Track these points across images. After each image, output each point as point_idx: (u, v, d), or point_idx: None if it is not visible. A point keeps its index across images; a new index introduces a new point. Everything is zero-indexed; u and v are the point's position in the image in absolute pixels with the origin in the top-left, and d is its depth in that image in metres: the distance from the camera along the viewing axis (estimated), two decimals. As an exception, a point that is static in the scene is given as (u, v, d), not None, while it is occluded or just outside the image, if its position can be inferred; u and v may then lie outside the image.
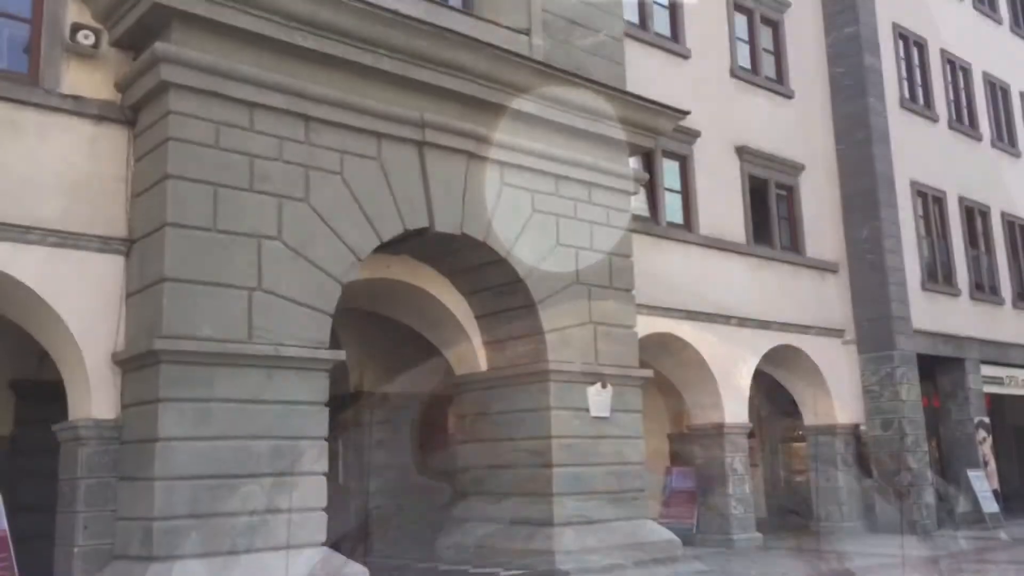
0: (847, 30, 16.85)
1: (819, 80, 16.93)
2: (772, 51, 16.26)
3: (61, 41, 7.98)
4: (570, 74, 10.41)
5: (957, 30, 19.88)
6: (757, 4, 15.99)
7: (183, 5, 7.70)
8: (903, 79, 18.00)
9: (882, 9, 17.51)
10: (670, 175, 13.85)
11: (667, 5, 14.48)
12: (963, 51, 19.86)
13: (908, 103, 17.89)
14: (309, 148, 8.54)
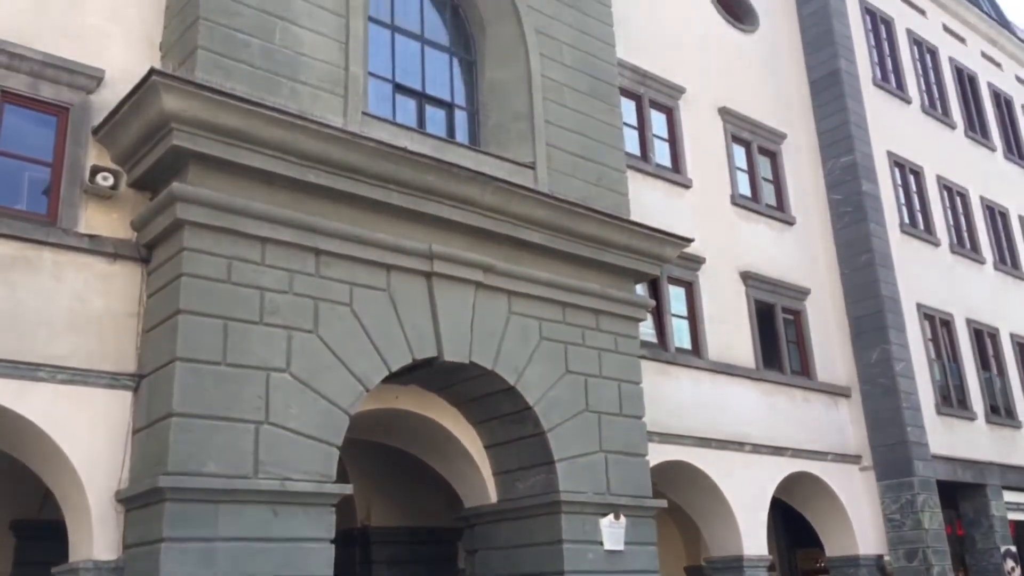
0: (843, 159, 17.30)
1: (819, 206, 17.26)
2: (771, 180, 16.67)
3: (80, 183, 8.24)
4: (575, 205, 10.64)
5: (952, 157, 20.40)
6: (754, 136, 16.50)
7: (200, 147, 7.97)
8: (902, 205, 18.34)
9: (877, 139, 18.02)
10: (677, 301, 13.94)
11: (667, 138, 14.95)
12: (959, 177, 20.30)
13: (908, 228, 18.15)
14: (319, 280, 8.66)
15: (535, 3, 11.65)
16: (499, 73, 11.39)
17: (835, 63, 17.86)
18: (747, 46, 17.35)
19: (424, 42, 11.16)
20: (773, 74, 17.70)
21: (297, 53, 9.13)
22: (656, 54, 15.01)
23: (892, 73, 19.73)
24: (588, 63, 12.06)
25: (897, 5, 20.68)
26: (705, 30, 16.58)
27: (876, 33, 19.72)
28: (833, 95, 17.73)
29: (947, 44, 21.93)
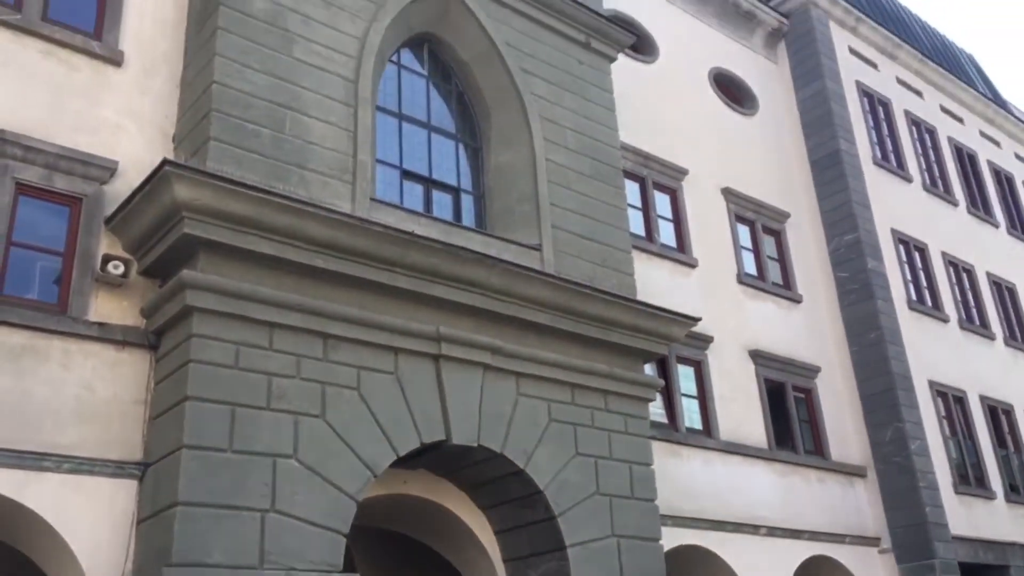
0: (848, 237, 17.41)
1: (825, 284, 17.29)
2: (776, 258, 16.76)
3: (92, 272, 8.32)
4: (581, 286, 10.68)
5: (956, 234, 20.53)
6: (758, 215, 16.65)
7: (210, 235, 8.08)
8: (908, 281, 18.36)
9: (880, 216, 18.17)
10: (686, 381, 13.86)
11: (671, 219, 15.10)
12: (965, 253, 20.38)
13: (916, 304, 18.13)
14: (326, 365, 8.65)
15: (538, 90, 11.94)
16: (504, 158, 11.60)
17: (835, 144, 18.15)
18: (748, 128, 17.67)
19: (431, 129, 11.40)
20: (774, 155, 17.97)
21: (307, 142, 9.33)
22: (658, 137, 15.29)
23: (892, 153, 20.02)
24: (592, 147, 12.28)
25: (894, 87, 21.13)
26: (706, 113, 16.93)
27: (874, 114, 20.09)
28: (834, 175, 17.97)
29: (945, 124, 22.31)
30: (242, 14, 9.30)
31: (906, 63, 21.68)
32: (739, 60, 18.48)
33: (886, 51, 21.25)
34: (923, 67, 22.05)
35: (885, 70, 21.04)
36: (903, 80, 21.49)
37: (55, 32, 8.86)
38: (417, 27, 11.38)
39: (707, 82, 17.41)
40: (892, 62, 21.39)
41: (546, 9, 12.42)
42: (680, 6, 17.65)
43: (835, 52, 19.43)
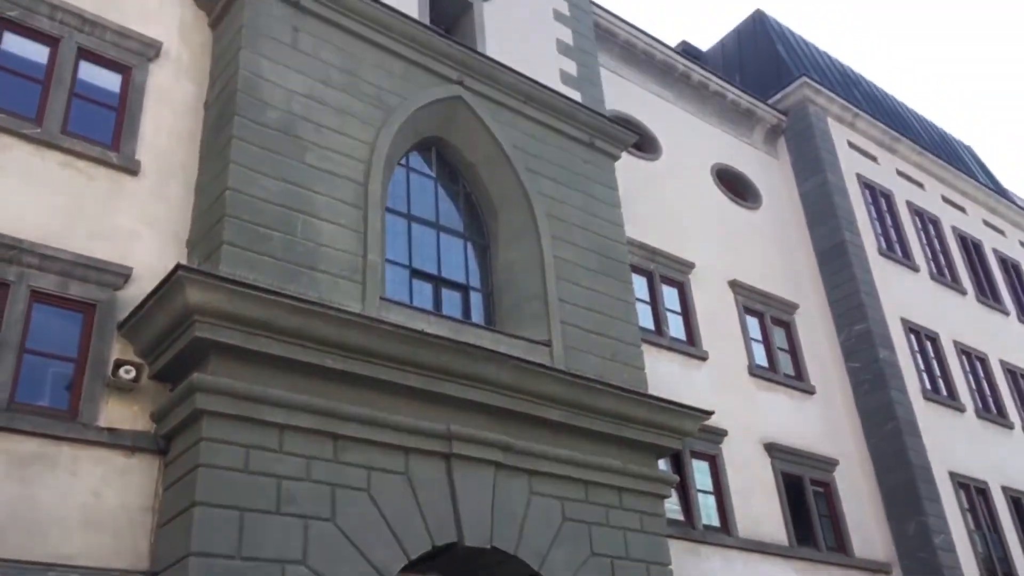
0: (857, 327, 17.37)
1: (838, 375, 17.17)
2: (787, 350, 16.69)
3: (103, 377, 8.35)
4: (592, 381, 10.64)
5: (966, 322, 20.46)
6: (767, 307, 16.68)
7: (222, 338, 8.13)
8: (922, 371, 18.21)
9: (889, 306, 18.16)
10: (701, 476, 13.62)
11: (680, 312, 15.13)
12: (976, 342, 20.28)
13: (931, 394, 17.94)
14: (336, 466, 8.56)
15: (545, 189, 12.16)
16: (512, 255, 11.73)
17: (839, 235, 18.31)
18: (752, 221, 17.88)
19: (439, 229, 11.58)
20: (780, 247, 18.13)
21: (318, 244, 9.48)
22: (664, 231, 15.47)
23: (897, 243, 20.16)
24: (598, 242, 12.43)
25: (895, 179, 21.44)
26: (710, 208, 17.17)
27: (877, 205, 20.33)
28: (841, 266, 18.07)
29: (948, 213, 22.54)
30: (256, 124, 9.59)
31: (906, 155, 22.06)
32: (740, 156, 18.85)
33: (885, 144, 21.66)
34: (923, 159, 22.42)
35: (885, 163, 21.40)
36: (903, 172, 21.83)
37: (74, 144, 9.14)
38: (425, 131, 11.70)
39: (710, 177, 17.73)
40: (892, 155, 21.77)
41: (550, 112, 12.78)
42: (680, 106, 18.11)
43: (835, 146, 19.81)
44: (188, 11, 10.77)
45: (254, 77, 9.83)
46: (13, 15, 9.36)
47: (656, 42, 17.77)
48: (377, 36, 11.21)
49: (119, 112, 9.72)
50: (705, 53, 24.06)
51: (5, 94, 9.05)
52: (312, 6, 10.70)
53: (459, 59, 11.91)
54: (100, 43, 9.84)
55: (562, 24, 14.27)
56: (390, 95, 11.07)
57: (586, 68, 14.12)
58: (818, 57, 23.62)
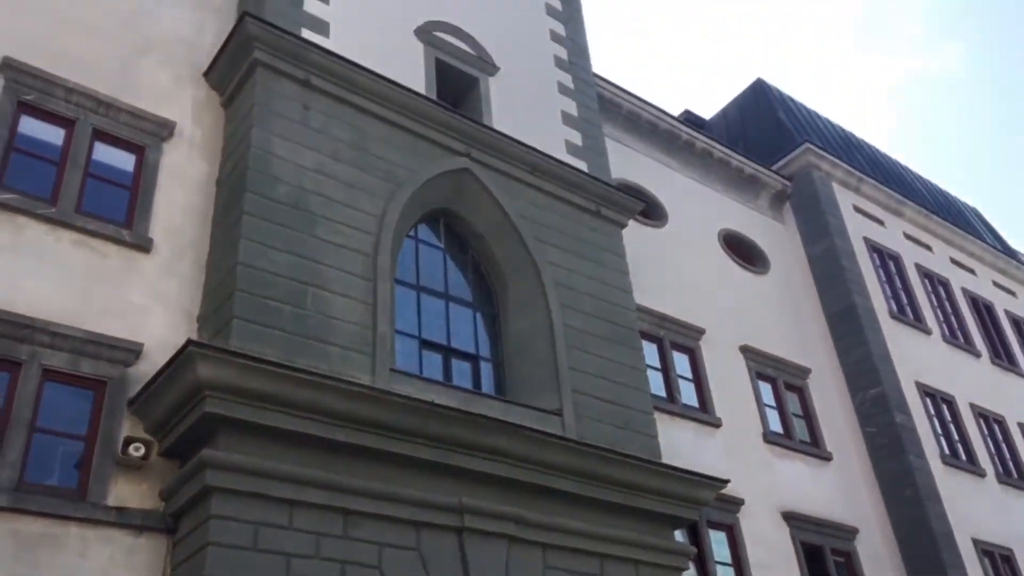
0: (872, 391, 17.20)
1: (854, 440, 16.93)
2: (802, 415, 16.51)
3: (112, 455, 8.30)
4: (604, 451, 10.52)
5: (982, 384, 20.25)
6: (779, 372, 16.56)
7: (232, 413, 8.09)
8: (939, 435, 17.96)
9: (903, 370, 18.00)
10: (719, 547, 13.33)
11: (691, 378, 15.03)
12: (993, 404, 20.03)
13: (950, 459, 17.65)
14: (347, 542, 8.42)
15: (553, 258, 12.22)
16: (522, 324, 11.72)
17: (849, 299, 18.27)
18: (761, 286, 17.88)
19: (448, 299, 11.61)
20: (790, 311, 18.08)
21: (327, 316, 9.51)
22: (673, 298, 15.47)
23: (908, 306, 20.10)
24: (608, 310, 12.43)
25: (903, 242, 21.49)
26: (719, 273, 17.19)
27: (886, 268, 20.33)
28: (852, 329, 17.98)
29: (958, 275, 22.51)
30: (267, 199, 9.72)
31: (912, 219, 22.15)
32: (747, 221, 18.95)
33: (890, 208, 21.77)
34: (929, 222, 22.50)
35: (892, 226, 21.48)
36: (911, 235, 21.89)
37: (88, 223, 9.26)
38: (433, 203, 11.83)
39: (717, 243, 17.80)
40: (898, 218, 21.86)
41: (557, 182, 12.92)
42: (686, 173, 18.30)
43: (840, 211, 19.92)
44: (201, 91, 11.02)
45: (265, 154, 10.00)
46: (30, 99, 9.59)
47: (659, 112, 18.06)
48: (385, 112, 11.43)
49: (133, 191, 9.87)
50: (708, 122, 24.41)
51: (21, 175, 9.22)
52: (322, 84, 10.95)
53: (466, 132, 12.10)
54: (115, 124, 10.05)
55: (567, 96, 14.53)
56: (399, 168, 11.22)
57: (591, 138, 14.32)
58: (819, 123, 23.93)
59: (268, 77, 10.57)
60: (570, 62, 15.04)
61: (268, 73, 10.59)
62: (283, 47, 10.72)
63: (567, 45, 15.22)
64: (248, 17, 10.59)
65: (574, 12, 15.89)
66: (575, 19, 15.79)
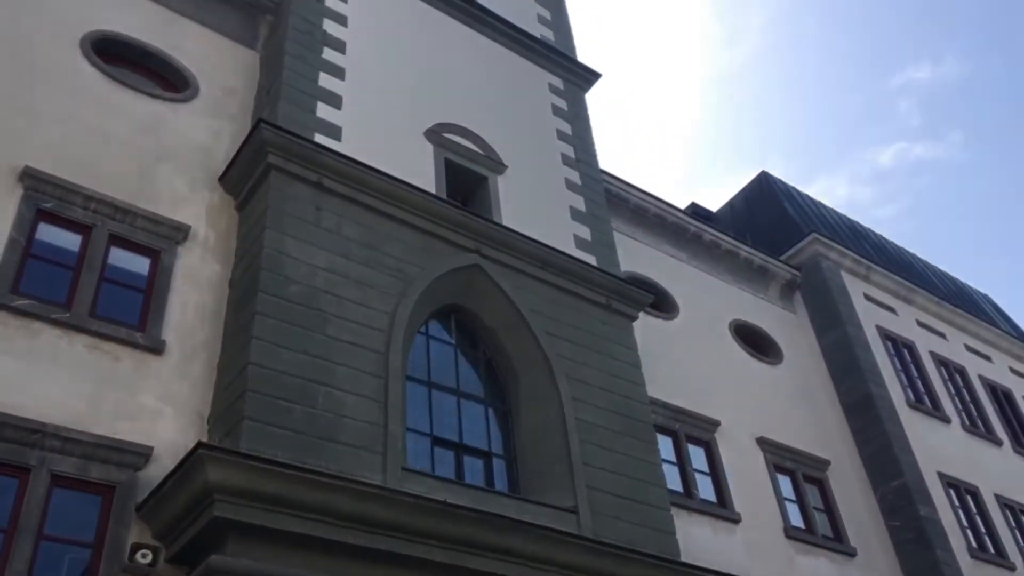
0: (894, 483, 16.83)
1: (878, 534, 16.48)
2: (823, 509, 16.12)
3: (119, 562, 8.13)
4: (622, 549, 10.26)
5: (1006, 474, 19.81)
6: (797, 465, 16.25)
7: (241, 516, 7.97)
8: (965, 527, 17.47)
9: (924, 460, 17.64)
10: (743, 650, 12.83)
11: (708, 472, 14.76)
12: (1019, 494, 19.54)
13: (978, 552, 17.12)
14: (358, 651, 8.15)
15: (564, 351, 12.20)
16: (534, 419, 11.62)
17: (865, 388, 18.08)
18: (775, 376, 17.73)
19: (460, 395, 11.55)
20: (805, 402, 17.86)
21: (338, 415, 9.45)
22: (687, 390, 15.33)
23: (925, 394, 19.85)
24: (621, 404, 12.32)
25: (916, 329, 21.38)
26: (732, 364, 17.08)
27: (900, 357, 20.17)
28: (870, 419, 17.73)
29: (974, 363, 22.30)
30: (279, 298, 9.81)
31: (924, 306, 22.09)
32: (758, 311, 18.94)
33: (901, 296, 21.75)
34: (941, 309, 22.43)
35: (904, 314, 21.41)
36: (924, 323, 21.79)
37: (102, 327, 9.34)
38: (444, 299, 11.90)
39: (729, 334, 17.74)
40: (909, 306, 21.81)
41: (566, 276, 13.01)
42: (695, 265, 18.41)
43: (851, 299, 19.91)
44: (216, 195, 11.27)
45: (277, 254, 10.14)
46: (49, 207, 9.81)
47: (666, 205, 18.30)
48: (396, 210, 11.62)
49: (147, 294, 9.99)
50: (715, 214, 24.69)
51: (38, 281, 9.35)
52: (334, 185, 11.18)
53: (476, 229, 12.26)
54: (131, 229, 10.24)
55: (574, 192, 14.77)
56: (409, 266, 11.34)
57: (600, 232, 14.49)
58: (825, 213, 24.16)
59: (281, 180, 10.81)
60: (577, 159, 15.35)
61: (281, 176, 10.83)
62: (296, 151, 10.99)
63: (573, 143, 15.56)
64: (263, 124, 10.91)
65: (580, 111, 16.29)
66: (581, 118, 16.18)
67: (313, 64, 12.44)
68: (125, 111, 11.15)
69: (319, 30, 12.92)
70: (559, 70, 16.49)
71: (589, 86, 16.90)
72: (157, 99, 11.60)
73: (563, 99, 16.14)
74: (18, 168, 9.76)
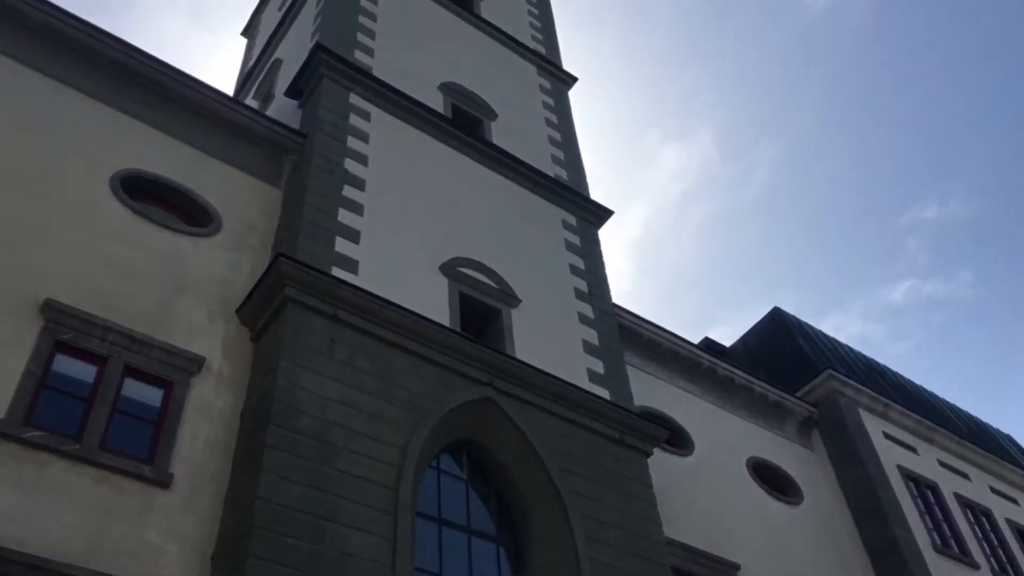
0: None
1: None
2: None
3: None
4: None
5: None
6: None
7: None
8: None
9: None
10: None
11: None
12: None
13: None
14: None
15: (578, 487, 11.93)
16: (546, 558, 11.25)
17: (889, 531, 17.49)
18: (795, 516, 17.21)
19: (470, 532, 11.25)
20: (827, 543, 17.26)
21: (344, 553, 9.20)
22: (704, 530, 14.87)
23: (952, 538, 19.17)
24: (636, 543, 11.94)
25: (938, 470, 20.85)
26: (750, 504, 16.62)
27: (924, 498, 19.60)
28: (896, 565, 17.07)
29: (1000, 505, 21.63)
30: (290, 431, 9.73)
31: (945, 446, 21.64)
32: (775, 449, 18.58)
33: (921, 435, 21.34)
34: (963, 449, 21.96)
35: (925, 453, 20.95)
36: (946, 463, 21.28)
37: (110, 460, 9.25)
38: (456, 433, 11.77)
39: (746, 472, 17.35)
40: (930, 445, 21.37)
41: (580, 410, 12.88)
42: (709, 400, 18.21)
43: (870, 437, 19.55)
44: (232, 326, 11.37)
45: (291, 386, 10.13)
46: (67, 338, 9.91)
47: (679, 340, 18.28)
48: (410, 343, 11.66)
49: (157, 425, 9.94)
50: (728, 349, 24.61)
51: (50, 413, 9.34)
52: (349, 318, 11.27)
53: (489, 362, 12.26)
54: (146, 360, 10.30)
55: (587, 326, 14.82)
56: (422, 399, 11.28)
57: (613, 366, 14.44)
58: (839, 349, 24.05)
59: (298, 312, 10.93)
60: (590, 293, 15.48)
61: (298, 309, 10.96)
62: (314, 284, 11.16)
63: (586, 277, 15.74)
64: (282, 257, 11.12)
65: (592, 247, 16.57)
66: (593, 254, 16.44)
67: (333, 201, 12.79)
68: (149, 245, 11.42)
69: (340, 169, 13.36)
70: (572, 207, 16.88)
71: (601, 223, 17.25)
72: (180, 233, 11.90)
73: (576, 235, 16.45)
74: (40, 300, 9.92)
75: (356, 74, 14.97)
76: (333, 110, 14.18)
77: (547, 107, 19.14)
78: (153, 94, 13.10)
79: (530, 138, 17.72)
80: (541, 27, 21.72)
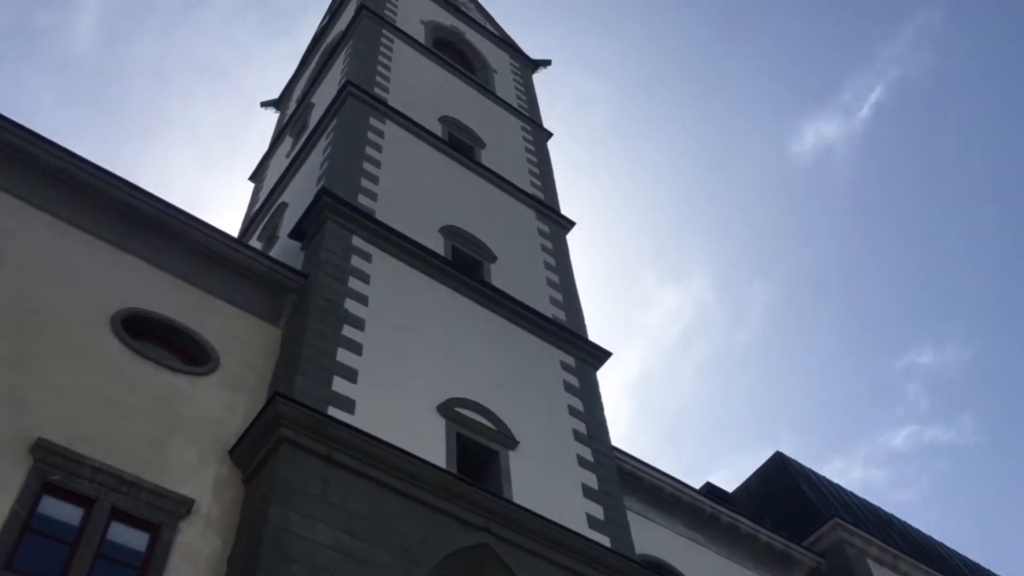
0: None
1: None
2: None
3: None
4: None
5: None
6: None
7: None
8: None
9: None
10: None
11: None
12: None
13: None
14: None
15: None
16: None
17: None
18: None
19: None
20: None
21: None
22: None
23: None
24: None
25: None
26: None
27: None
28: None
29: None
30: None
31: (957, 597, 20.83)
32: None
33: (932, 585, 20.57)
34: (976, 600, 21.12)
35: (938, 604, 20.13)
36: (960, 615, 20.42)
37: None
38: (451, 583, 11.33)
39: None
40: (942, 597, 20.56)
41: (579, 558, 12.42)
42: (713, 549, 17.63)
43: (882, 591, 18.83)
44: (225, 468, 11.14)
45: (281, 531, 9.83)
46: (56, 479, 9.69)
47: (681, 485, 17.86)
48: (405, 485, 11.39)
49: (141, 572, 9.58)
50: (731, 494, 24.04)
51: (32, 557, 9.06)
52: (344, 459, 11.06)
53: (486, 506, 11.94)
54: (134, 503, 10.03)
55: (587, 469, 14.53)
56: (415, 544, 10.92)
57: (613, 511, 14.06)
58: (845, 496, 23.49)
59: (292, 453, 10.73)
60: (589, 435, 15.26)
61: (292, 449, 10.77)
62: (309, 424, 11.02)
63: (585, 419, 15.55)
64: (278, 397, 11.03)
65: (591, 388, 16.45)
66: (592, 395, 16.30)
67: (332, 340, 12.81)
68: (144, 383, 11.34)
69: (341, 308, 13.44)
70: (571, 348, 16.88)
71: (600, 364, 17.19)
72: (177, 372, 11.84)
73: (575, 376, 16.37)
74: (31, 440, 9.77)
75: (359, 217, 15.31)
76: (335, 251, 14.42)
77: (545, 250, 19.47)
78: (159, 235, 13.34)
79: (529, 280, 17.94)
80: (540, 173, 22.39)
